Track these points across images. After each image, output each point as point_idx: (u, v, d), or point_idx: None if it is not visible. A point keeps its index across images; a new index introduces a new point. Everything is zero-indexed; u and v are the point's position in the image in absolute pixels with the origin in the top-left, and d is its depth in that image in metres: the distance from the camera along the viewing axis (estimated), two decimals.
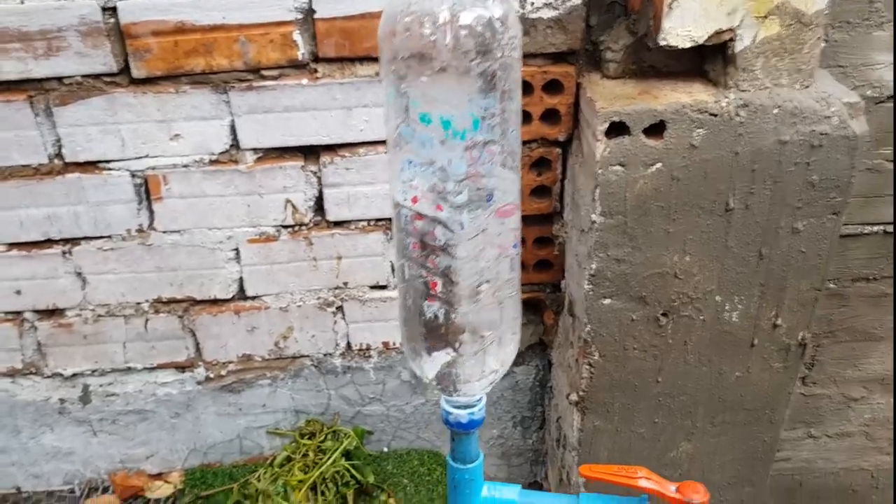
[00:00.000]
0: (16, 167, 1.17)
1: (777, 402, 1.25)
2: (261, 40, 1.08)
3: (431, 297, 0.63)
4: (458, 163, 0.57)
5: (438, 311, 0.64)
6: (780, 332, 1.17)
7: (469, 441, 0.73)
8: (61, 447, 1.42)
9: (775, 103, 0.99)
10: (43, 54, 1.07)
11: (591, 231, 1.07)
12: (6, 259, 1.24)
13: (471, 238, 0.60)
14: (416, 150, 0.58)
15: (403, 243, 0.63)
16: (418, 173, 0.58)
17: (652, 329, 1.15)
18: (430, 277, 0.62)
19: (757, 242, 1.08)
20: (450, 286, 0.62)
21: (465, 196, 0.58)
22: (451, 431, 0.73)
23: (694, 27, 0.95)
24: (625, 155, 1.01)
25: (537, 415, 1.50)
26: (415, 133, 0.57)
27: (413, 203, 0.60)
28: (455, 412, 0.71)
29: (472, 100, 0.55)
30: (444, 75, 0.54)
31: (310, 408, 1.42)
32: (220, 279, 1.28)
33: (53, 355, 1.33)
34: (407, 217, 0.61)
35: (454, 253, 0.60)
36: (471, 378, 0.68)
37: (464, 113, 0.55)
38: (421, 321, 0.66)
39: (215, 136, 1.15)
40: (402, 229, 0.63)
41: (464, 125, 0.55)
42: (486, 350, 0.66)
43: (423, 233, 0.61)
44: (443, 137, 0.56)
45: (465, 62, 0.53)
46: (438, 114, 0.55)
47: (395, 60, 0.56)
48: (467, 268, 0.61)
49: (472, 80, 0.54)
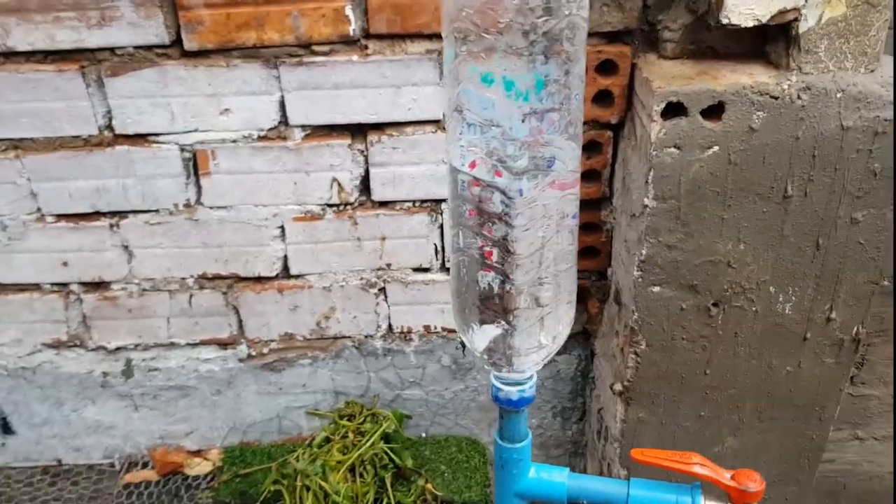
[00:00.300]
0: (66, 138, 1.17)
1: (827, 398, 1.21)
2: (313, 14, 1.07)
3: (486, 267, 0.62)
4: (519, 126, 0.55)
5: (493, 281, 0.62)
6: (833, 327, 1.14)
7: (518, 419, 0.72)
8: (103, 421, 1.44)
9: (839, 87, 0.96)
10: (96, 24, 1.08)
11: (642, 216, 1.05)
12: (54, 230, 1.25)
13: (529, 206, 0.58)
14: (477, 112, 0.56)
15: (459, 211, 0.62)
16: (477, 137, 0.57)
17: (702, 319, 1.12)
18: (485, 246, 0.61)
19: (814, 232, 1.05)
20: (506, 255, 0.60)
21: (525, 161, 0.57)
22: (500, 409, 0.71)
23: (757, 5, 0.92)
24: (681, 137, 0.98)
25: (578, 405, 1.47)
26: (475, 94, 0.55)
27: (471, 168, 0.58)
28: (505, 389, 0.69)
29: (536, 60, 0.53)
30: (509, 32, 0.52)
31: (349, 389, 1.41)
32: (265, 257, 1.27)
33: (98, 328, 1.34)
34: (464, 183, 0.60)
35: (512, 221, 0.59)
36: (523, 352, 0.66)
37: (527, 74, 0.54)
38: (475, 291, 0.64)
39: (264, 112, 1.15)
40: (457, 196, 0.62)
41: (527, 86, 0.54)
42: (540, 324, 0.65)
43: (480, 200, 0.59)
44: (504, 99, 0.54)
45: (531, 19, 0.52)
46: (501, 74, 0.54)
47: (458, 18, 0.54)
48: (525, 237, 0.59)
49: (537, 38, 0.52)
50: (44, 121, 1.15)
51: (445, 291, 1.31)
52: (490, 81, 0.54)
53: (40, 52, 1.11)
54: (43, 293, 1.31)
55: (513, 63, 0.53)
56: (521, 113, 0.55)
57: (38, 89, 1.13)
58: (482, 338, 0.67)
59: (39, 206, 1.23)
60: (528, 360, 0.67)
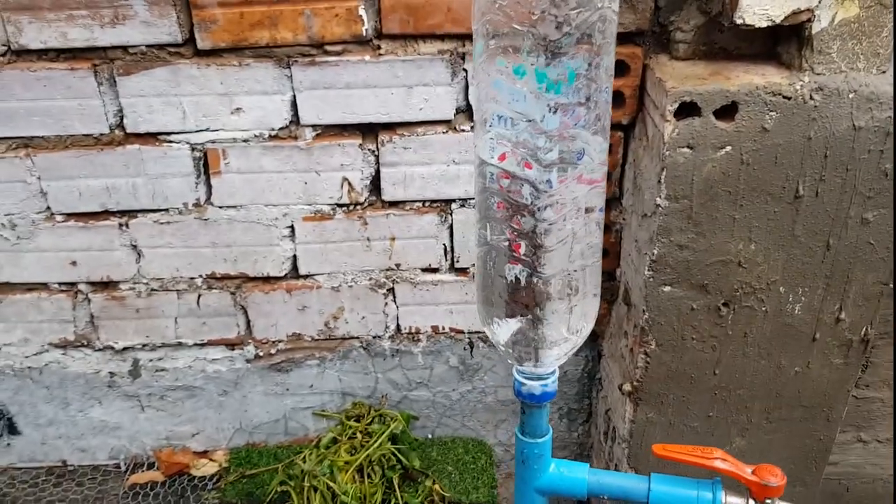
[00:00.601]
0: (77, 136, 1.17)
1: (836, 399, 1.22)
2: (326, 14, 1.08)
3: (514, 260, 0.62)
4: (550, 118, 0.55)
5: (520, 273, 0.62)
6: (842, 327, 1.14)
7: (540, 414, 0.72)
8: (109, 421, 1.43)
9: (851, 88, 0.96)
10: (109, 22, 1.08)
11: (654, 215, 1.05)
12: (64, 229, 1.24)
13: (558, 198, 0.59)
14: (508, 104, 0.56)
15: (487, 203, 0.62)
16: (508, 129, 0.57)
17: (712, 319, 1.12)
18: (514, 239, 0.61)
19: (825, 232, 1.06)
20: (534, 248, 0.60)
21: (555, 154, 0.57)
22: (522, 404, 0.72)
23: (771, 6, 0.93)
24: (694, 137, 0.98)
25: (584, 407, 1.48)
26: (507, 87, 0.56)
27: (500, 160, 0.59)
28: (528, 383, 0.69)
29: (568, 52, 0.54)
30: (542, 24, 0.52)
31: (357, 390, 1.41)
32: (274, 256, 1.27)
33: (105, 328, 1.34)
34: (492, 175, 0.60)
35: (541, 213, 0.59)
36: (548, 345, 0.66)
37: (559, 66, 0.54)
38: (501, 284, 0.64)
39: (276, 111, 1.15)
40: (485, 189, 0.62)
41: (558, 78, 0.54)
42: (565, 317, 0.65)
43: (508, 192, 0.59)
44: (536, 91, 0.55)
45: (564, 10, 0.52)
46: (533, 66, 0.54)
47: (491, 10, 0.54)
48: (553, 229, 0.60)
49: (570, 30, 0.53)
50: (55, 119, 1.15)
51: (454, 292, 1.31)
52: (522, 73, 0.54)
53: (53, 51, 1.11)
54: (51, 293, 1.31)
55: (545, 55, 0.54)
56: (552, 105, 0.55)
57: (49, 87, 1.12)
58: (506, 330, 0.67)
59: (49, 204, 1.22)
60: (552, 353, 0.67)
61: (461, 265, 1.29)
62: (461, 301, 1.32)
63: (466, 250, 1.27)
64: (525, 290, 0.63)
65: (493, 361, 1.38)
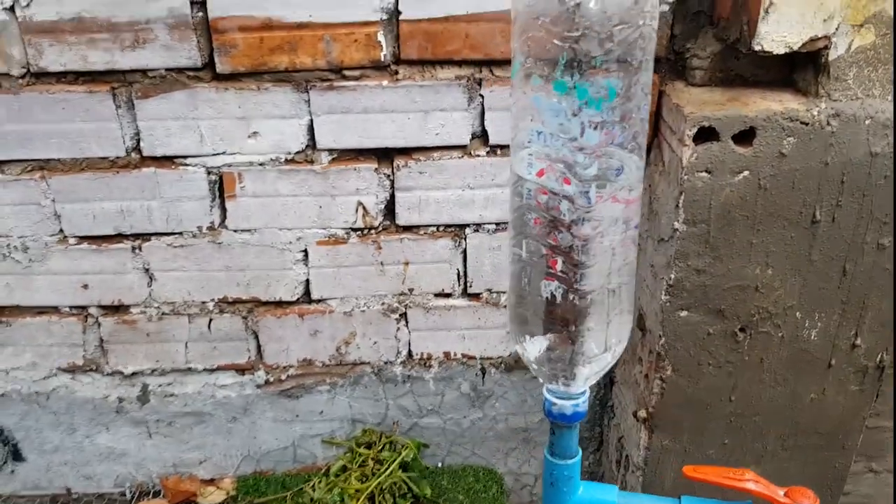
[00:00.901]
0: (93, 159, 1.17)
1: (851, 426, 1.21)
2: (345, 40, 1.09)
3: (550, 276, 0.62)
4: (591, 133, 0.56)
5: (556, 290, 0.62)
6: (858, 353, 1.14)
7: (570, 435, 0.71)
8: (115, 448, 1.41)
9: (867, 114, 0.98)
10: (129, 46, 1.09)
11: (671, 240, 1.05)
12: (77, 252, 1.24)
13: (596, 214, 0.59)
14: (547, 120, 0.57)
15: (523, 220, 0.62)
16: (547, 145, 0.57)
17: (728, 344, 1.12)
18: (550, 255, 0.61)
19: (841, 258, 1.06)
20: (571, 264, 0.61)
21: (594, 170, 0.57)
22: (552, 425, 0.71)
23: (789, 33, 0.94)
24: (712, 161, 0.99)
25: (595, 435, 1.47)
26: (546, 102, 0.56)
27: (538, 176, 0.59)
28: (559, 403, 0.69)
29: (610, 68, 0.54)
30: (584, 41, 0.53)
31: (367, 417, 1.40)
32: (287, 280, 1.27)
33: (115, 352, 1.32)
34: (530, 192, 0.60)
35: (578, 230, 0.59)
36: (581, 363, 0.66)
37: (601, 82, 0.54)
38: (536, 301, 0.64)
39: (293, 136, 1.16)
40: (522, 205, 0.62)
41: (599, 94, 0.55)
42: (600, 335, 0.65)
43: (547, 208, 0.60)
44: (577, 107, 0.55)
45: (608, 27, 0.53)
46: (575, 82, 0.54)
47: (533, 27, 0.55)
48: (591, 246, 0.60)
49: (613, 47, 0.53)
50: (72, 141, 1.15)
51: (467, 317, 1.31)
52: (563, 89, 0.55)
53: (72, 73, 1.11)
54: (61, 316, 1.30)
55: (586, 72, 0.54)
56: (592, 121, 0.56)
57: (67, 110, 1.13)
58: (540, 347, 0.67)
59: (62, 227, 1.22)
60: (586, 370, 0.67)
61: (474, 290, 1.29)
62: (474, 326, 1.31)
63: (480, 275, 1.27)
64: (561, 307, 0.63)
65: (505, 388, 1.38)
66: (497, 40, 1.10)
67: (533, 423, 1.41)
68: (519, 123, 0.60)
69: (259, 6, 1.06)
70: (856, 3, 0.93)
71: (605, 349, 0.66)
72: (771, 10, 0.93)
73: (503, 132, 1.16)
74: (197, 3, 1.07)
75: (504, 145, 1.17)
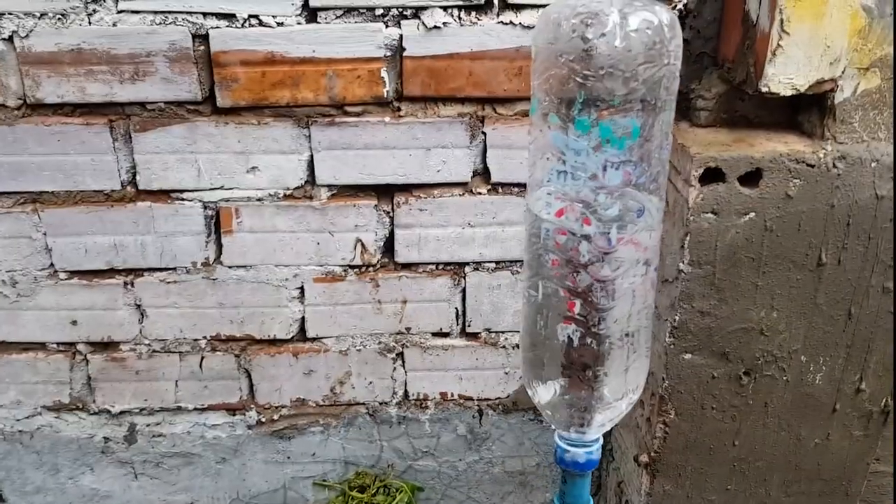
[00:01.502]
0: (87, 192, 1.15)
1: (855, 472, 1.19)
2: (348, 76, 1.08)
3: (567, 319, 0.60)
4: (613, 173, 0.54)
5: (573, 333, 0.60)
6: (862, 398, 1.13)
7: (583, 483, 0.69)
8: (99, 489, 1.37)
9: (873, 157, 0.97)
10: (129, 78, 1.07)
11: (676, 281, 1.04)
12: (66, 287, 1.21)
13: (618, 256, 0.57)
14: (568, 159, 0.55)
15: (540, 261, 0.60)
16: (567, 184, 0.56)
17: (733, 388, 1.10)
18: (568, 297, 0.59)
19: (846, 301, 1.05)
20: (589, 307, 0.59)
21: (615, 210, 0.56)
22: (564, 473, 0.69)
23: (796, 75, 0.94)
24: (718, 202, 0.98)
25: (593, 480, 1.43)
26: (568, 141, 0.55)
27: (557, 216, 0.57)
28: (572, 451, 0.66)
29: (632, 107, 0.53)
30: (608, 79, 0.52)
31: (360, 459, 1.36)
32: (282, 318, 1.24)
33: (103, 391, 1.29)
34: (548, 232, 0.59)
35: (598, 272, 0.57)
36: (597, 410, 0.64)
37: (624, 121, 0.53)
38: (553, 345, 0.62)
39: (292, 171, 1.14)
40: (539, 245, 0.60)
41: (623, 133, 0.53)
42: (617, 381, 0.63)
43: (566, 249, 0.58)
44: (599, 146, 0.54)
45: (633, 66, 0.52)
46: (598, 121, 0.53)
47: (556, 65, 0.54)
48: (611, 288, 0.58)
49: (637, 85, 0.52)
50: (66, 174, 1.13)
51: (465, 357, 1.28)
52: (586, 128, 0.53)
53: (69, 105, 1.09)
54: (48, 353, 1.26)
55: (610, 110, 0.53)
56: (615, 161, 0.54)
57: (63, 142, 1.11)
58: (553, 393, 0.65)
59: (53, 261, 1.19)
60: (601, 417, 0.65)
61: (473, 330, 1.27)
62: (472, 367, 1.29)
63: (479, 315, 1.25)
64: (578, 351, 0.61)
65: (502, 430, 1.35)
66: (500, 78, 1.09)
67: (530, 467, 1.38)
68: (537, 162, 0.59)
69: (261, 40, 1.06)
70: (862, 46, 0.93)
71: (622, 395, 0.64)
72: (778, 52, 0.93)
73: (505, 170, 1.15)
74: (199, 37, 1.06)
75: (506, 183, 1.16)
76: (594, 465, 0.68)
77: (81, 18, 1.04)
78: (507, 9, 1.06)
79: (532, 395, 0.68)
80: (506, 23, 1.07)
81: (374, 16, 1.06)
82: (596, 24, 0.51)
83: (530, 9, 1.06)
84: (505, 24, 1.07)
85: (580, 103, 0.53)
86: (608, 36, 0.51)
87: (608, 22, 0.51)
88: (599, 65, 0.52)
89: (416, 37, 1.07)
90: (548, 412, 0.67)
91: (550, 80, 0.55)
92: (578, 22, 0.51)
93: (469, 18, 1.07)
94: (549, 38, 0.54)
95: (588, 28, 0.51)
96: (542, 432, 1.35)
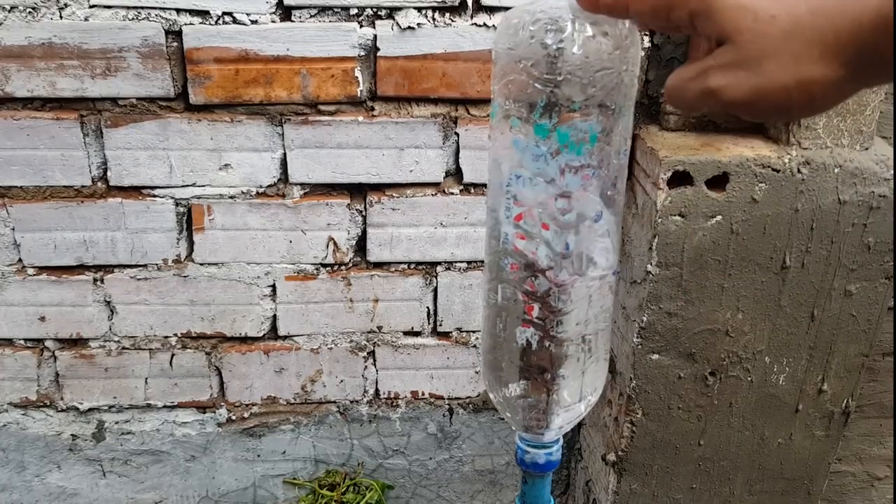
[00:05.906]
0: (57, 188, 1.14)
1: (816, 472, 1.22)
2: (322, 74, 1.08)
3: (526, 322, 0.61)
4: (571, 179, 0.55)
5: (532, 337, 0.61)
6: (824, 398, 1.15)
7: (543, 484, 0.70)
8: (66, 487, 1.36)
9: (836, 162, 0.99)
10: (100, 74, 1.07)
11: (644, 282, 1.05)
12: (35, 283, 1.20)
13: (575, 261, 0.58)
14: (527, 164, 0.56)
15: (499, 264, 0.61)
16: (526, 189, 0.57)
17: (699, 388, 1.12)
18: (527, 301, 0.60)
19: (809, 303, 1.07)
20: (547, 311, 0.60)
21: (573, 215, 0.56)
22: (525, 473, 0.69)
23: None
24: (686, 205, 1.00)
25: (562, 478, 1.45)
26: (527, 146, 0.56)
27: (516, 220, 0.58)
28: (532, 451, 0.67)
29: (591, 113, 0.54)
30: (567, 85, 0.53)
31: (331, 457, 1.36)
32: (253, 316, 1.24)
33: (71, 388, 1.28)
34: (507, 236, 0.59)
35: (556, 276, 0.58)
36: (555, 412, 0.65)
37: (582, 127, 0.54)
38: (511, 348, 0.63)
39: (265, 169, 1.14)
40: (499, 250, 0.61)
41: (580, 139, 0.54)
42: (575, 383, 0.63)
43: (524, 253, 0.59)
44: (558, 151, 0.55)
45: (590, 72, 0.52)
46: (556, 126, 0.54)
47: (515, 70, 0.55)
48: (568, 292, 0.59)
49: (595, 91, 0.53)
50: (35, 169, 1.12)
51: (436, 356, 1.29)
52: (545, 133, 0.54)
53: (39, 99, 1.09)
54: (15, 349, 1.25)
55: (568, 115, 0.54)
56: (573, 166, 0.55)
57: (32, 137, 1.10)
58: (513, 395, 0.65)
59: (21, 257, 1.18)
60: (560, 419, 0.65)
61: (444, 329, 1.27)
62: (443, 366, 1.30)
63: (450, 314, 1.26)
64: (536, 354, 0.62)
65: (473, 429, 1.36)
66: (473, 79, 1.10)
67: (500, 465, 1.39)
68: (497, 167, 0.59)
69: (235, 38, 1.05)
70: None
71: (581, 398, 0.65)
72: None
73: (477, 171, 1.16)
74: (172, 33, 1.05)
75: (478, 184, 1.17)
76: (554, 466, 0.69)
77: (53, 12, 1.03)
78: (481, 11, 1.07)
79: (493, 397, 0.68)
80: (479, 25, 1.07)
81: (348, 15, 1.06)
82: (555, 31, 0.52)
83: (504, 11, 1.07)
84: (478, 26, 1.07)
85: (539, 108, 0.54)
86: (566, 42, 0.51)
87: (567, 28, 0.51)
88: (558, 71, 0.52)
89: (390, 37, 1.07)
90: (508, 414, 0.68)
91: (510, 85, 0.56)
92: (537, 28, 0.52)
93: (443, 20, 1.07)
94: (509, 43, 0.55)
95: (547, 34, 0.52)
96: (511, 431, 1.36)
